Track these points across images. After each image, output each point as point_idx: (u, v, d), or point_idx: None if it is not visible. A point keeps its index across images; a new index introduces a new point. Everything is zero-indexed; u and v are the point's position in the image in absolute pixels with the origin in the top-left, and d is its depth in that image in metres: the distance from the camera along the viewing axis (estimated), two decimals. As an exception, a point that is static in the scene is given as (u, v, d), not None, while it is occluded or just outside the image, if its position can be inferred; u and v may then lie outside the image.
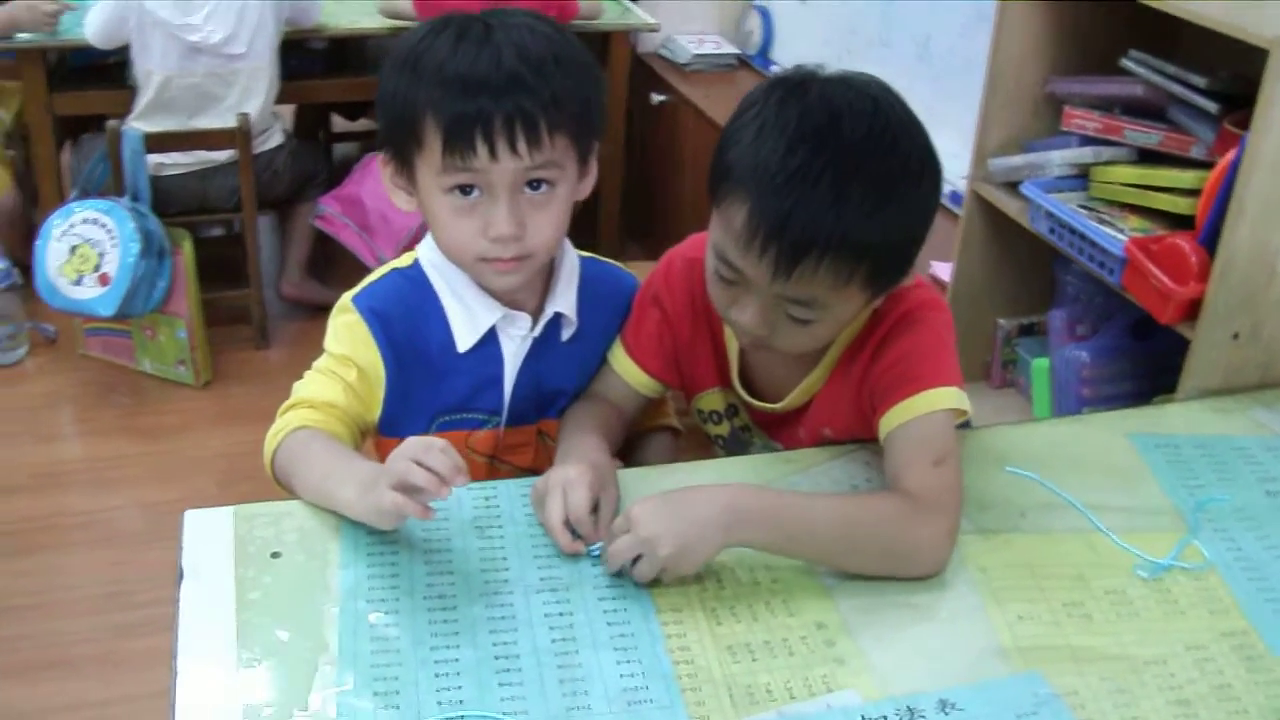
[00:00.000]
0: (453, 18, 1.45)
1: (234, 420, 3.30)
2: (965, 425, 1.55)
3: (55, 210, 3.37)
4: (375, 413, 1.58)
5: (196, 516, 1.44)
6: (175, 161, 3.49)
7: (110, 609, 2.54)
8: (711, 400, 1.69)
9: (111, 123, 3.29)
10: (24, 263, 3.45)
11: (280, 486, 1.50)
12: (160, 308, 3.43)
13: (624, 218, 4.31)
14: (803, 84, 1.38)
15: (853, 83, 1.38)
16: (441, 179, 1.42)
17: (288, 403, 1.54)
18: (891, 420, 1.45)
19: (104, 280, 3.28)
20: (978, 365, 2.52)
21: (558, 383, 1.64)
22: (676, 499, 1.34)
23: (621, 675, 1.22)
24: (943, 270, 2.57)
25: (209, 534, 1.40)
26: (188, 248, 3.44)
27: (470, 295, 1.54)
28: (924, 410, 1.44)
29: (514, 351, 1.58)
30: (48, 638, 2.56)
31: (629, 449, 1.76)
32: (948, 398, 1.45)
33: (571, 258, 1.62)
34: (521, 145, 1.38)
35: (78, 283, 3.30)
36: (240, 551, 1.37)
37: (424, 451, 1.26)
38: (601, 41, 3.93)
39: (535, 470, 1.56)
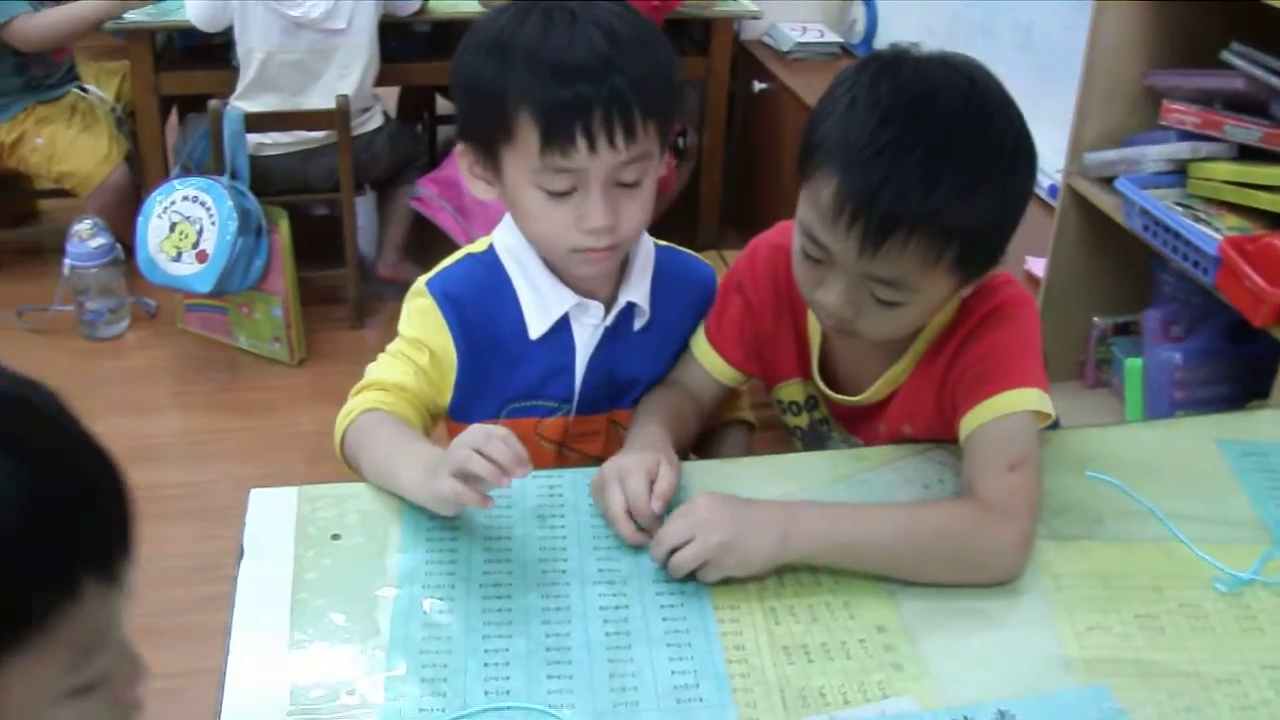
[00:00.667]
0: (533, 5, 1.43)
1: (326, 399, 3.31)
2: (1054, 427, 1.51)
3: (157, 187, 3.42)
4: (446, 397, 1.57)
5: (261, 495, 1.45)
6: (275, 141, 3.53)
7: (198, 581, 2.56)
8: (791, 391, 1.66)
9: (213, 102, 3.33)
10: (129, 240, 3.50)
11: (349, 468, 1.50)
12: (257, 285, 3.47)
13: (724, 205, 4.29)
14: (897, 60, 1.35)
15: (949, 60, 1.35)
16: (537, 174, 1.40)
17: (359, 384, 1.55)
18: (971, 421, 1.42)
19: (201, 257, 3.33)
20: (1071, 364, 2.46)
21: (630, 372, 1.62)
22: (740, 500, 1.33)
23: (673, 672, 1.20)
24: (1037, 265, 2.52)
25: (272, 513, 1.41)
26: (284, 226, 3.47)
27: (544, 282, 1.53)
28: (1004, 411, 1.40)
29: (586, 340, 1.57)
30: (137, 607, 2.60)
31: (702, 442, 1.75)
32: (1029, 399, 1.41)
33: (647, 246, 1.61)
34: (619, 138, 1.37)
35: (177, 259, 3.35)
36: (301, 532, 1.38)
37: (485, 440, 1.25)
38: (704, 28, 3.90)
39: (605, 459, 1.55)
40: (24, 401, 0.82)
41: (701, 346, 1.63)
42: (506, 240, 1.55)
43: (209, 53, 3.70)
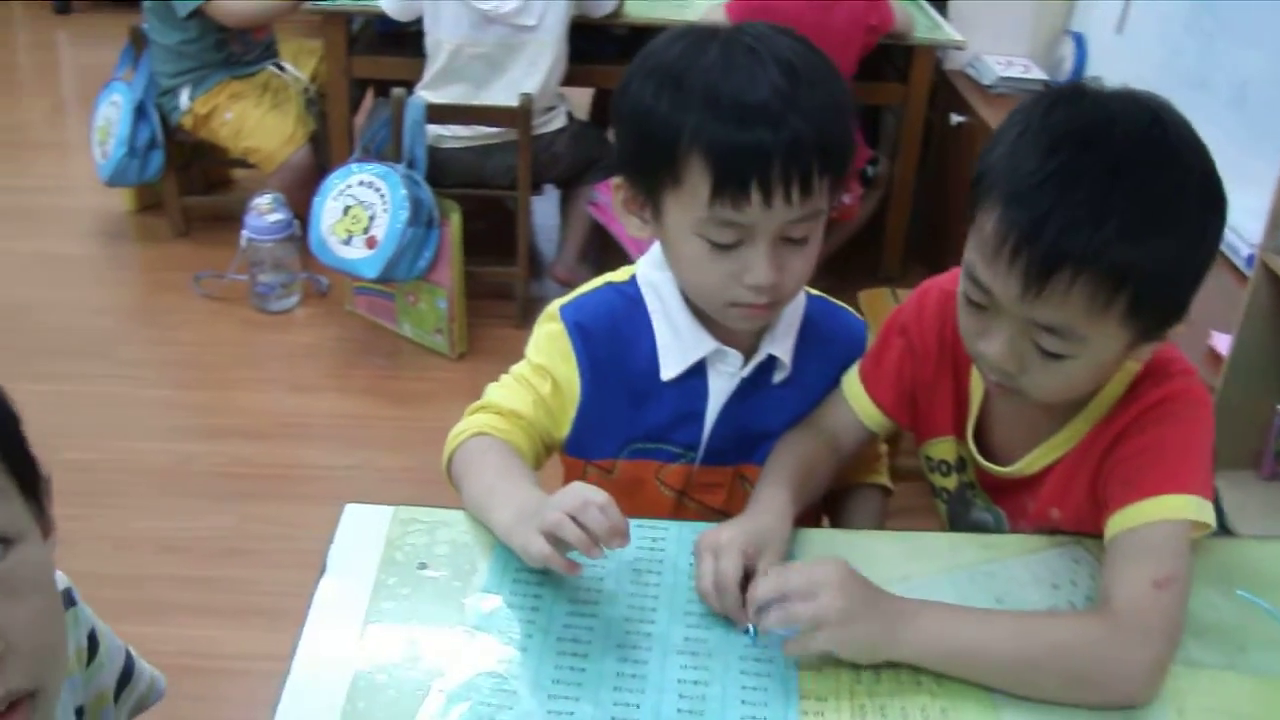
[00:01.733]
0: (713, 31, 1.36)
1: (480, 396, 3.31)
2: (1218, 531, 1.37)
3: (336, 169, 3.45)
4: (564, 430, 1.52)
5: (356, 511, 1.43)
6: (455, 134, 3.53)
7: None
8: (943, 449, 1.55)
9: (396, 90, 3.34)
10: (306, 219, 3.54)
11: (453, 487, 1.45)
12: (424, 276, 3.48)
13: (910, 239, 4.15)
14: (1076, 91, 1.25)
15: (1133, 94, 1.23)
16: (702, 225, 1.32)
17: (477, 404, 1.51)
18: (1119, 522, 1.29)
19: (371, 243, 3.35)
20: (1246, 452, 2.30)
21: (763, 426, 1.53)
22: (865, 580, 1.23)
23: (743, 762, 1.12)
24: (1221, 342, 2.35)
25: (364, 531, 1.39)
26: (456, 220, 3.47)
27: (684, 323, 1.46)
28: (1157, 517, 1.27)
29: (721, 388, 1.49)
30: (260, 585, 2.62)
31: (834, 500, 1.66)
32: (1188, 508, 1.27)
33: (799, 298, 1.52)
34: (795, 193, 1.28)
35: (347, 242, 3.37)
36: (388, 556, 1.34)
37: (582, 507, 1.19)
38: (905, 54, 3.78)
39: (727, 512, 1.48)
40: None
41: (853, 386, 1.54)
42: (651, 274, 1.48)
43: (404, 39, 3.71)
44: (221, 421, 3.26)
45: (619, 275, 1.53)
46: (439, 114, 3.39)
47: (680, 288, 1.45)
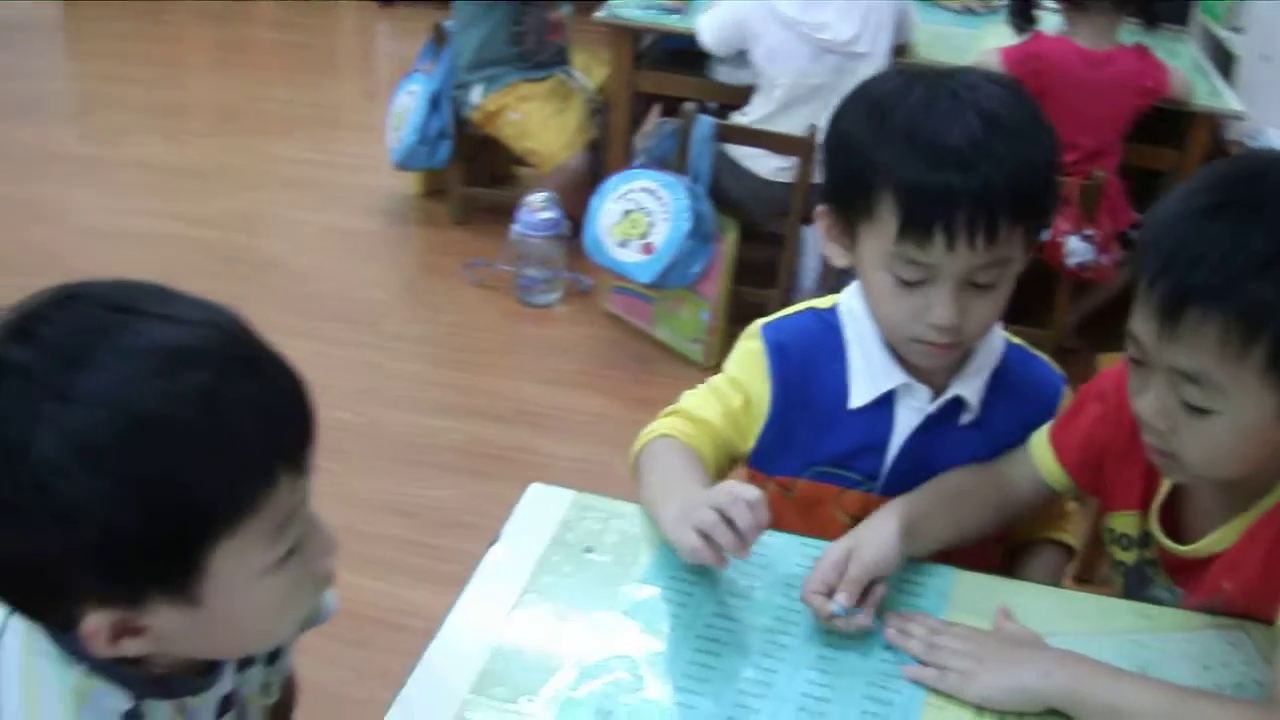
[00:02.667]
0: (925, 71, 1.40)
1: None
2: None
3: (618, 173, 3.57)
4: (749, 444, 1.57)
5: (539, 490, 1.52)
6: (780, 166, 3.54)
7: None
8: (1125, 523, 1.53)
9: (687, 105, 3.41)
10: (578, 219, 3.68)
11: (634, 483, 1.53)
12: (692, 285, 3.56)
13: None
14: (1260, 158, 1.25)
15: None
16: (890, 259, 1.36)
17: (671, 408, 1.59)
18: None
19: (648, 249, 3.43)
20: None
21: (943, 464, 1.54)
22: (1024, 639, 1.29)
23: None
24: None
25: (542, 509, 1.48)
26: (732, 237, 3.54)
27: (877, 355, 1.50)
28: None
29: (906, 422, 1.52)
30: (474, 557, 2.75)
31: (1012, 557, 1.66)
32: None
33: (994, 343, 1.53)
34: (980, 240, 1.31)
35: (623, 245, 3.47)
36: (559, 536, 1.43)
37: (730, 502, 1.25)
38: (1183, 120, 3.68)
39: None
40: (222, 330, 0.97)
41: (1039, 442, 1.53)
42: (852, 304, 1.52)
43: (690, 57, 3.82)
44: (468, 401, 3.43)
45: (823, 302, 1.58)
46: (727, 133, 3.46)
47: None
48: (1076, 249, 3.36)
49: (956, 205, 1.29)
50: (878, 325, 1.47)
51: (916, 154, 1.31)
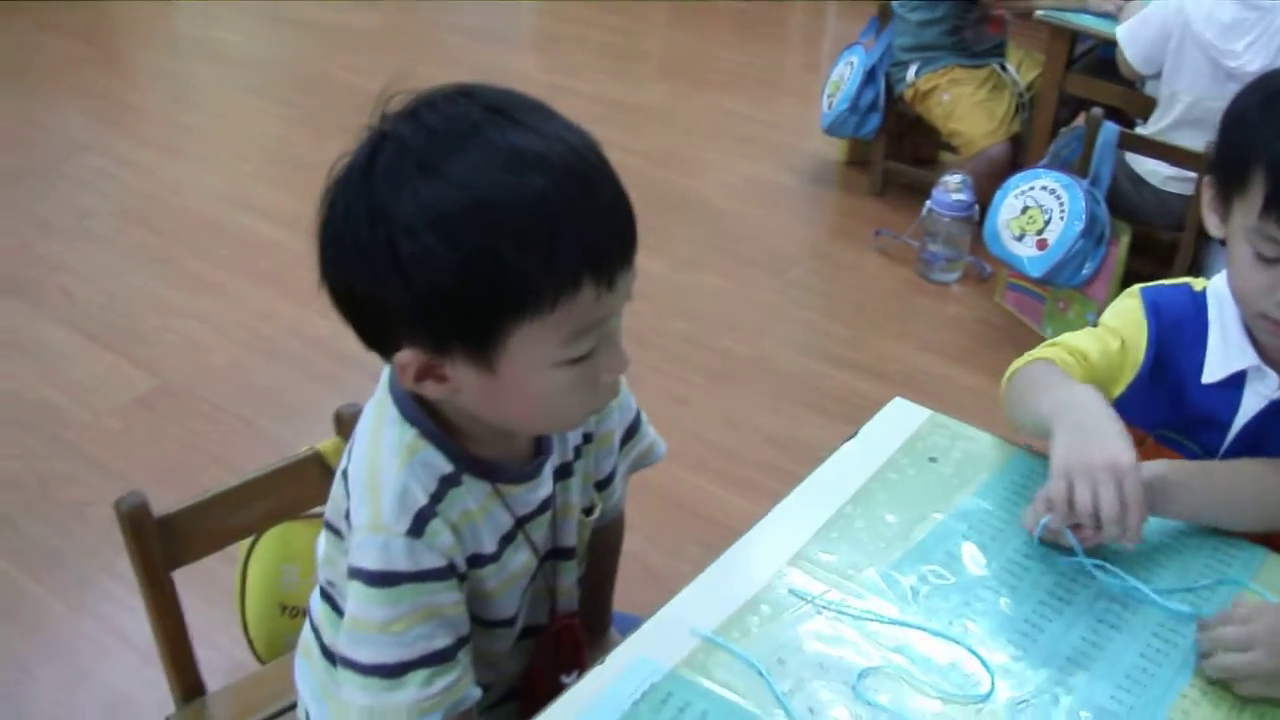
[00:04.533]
0: None
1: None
2: None
3: (1023, 171, 3.69)
4: (1118, 389, 1.66)
5: (901, 403, 1.71)
6: (1181, 176, 3.58)
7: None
8: None
9: (1095, 110, 3.49)
10: (987, 208, 3.80)
11: (1006, 415, 1.65)
12: (1082, 287, 3.64)
13: None
14: None
15: None
16: (1252, 233, 1.46)
17: (1049, 341, 1.70)
18: None
19: (1041, 245, 3.55)
20: None
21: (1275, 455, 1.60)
22: None
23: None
24: None
25: (900, 419, 1.68)
26: (1125, 241, 3.59)
27: (1235, 335, 1.58)
28: None
29: (1252, 405, 1.60)
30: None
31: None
32: None
33: None
34: None
35: (1019, 239, 3.59)
36: (909, 444, 1.62)
37: (1106, 481, 1.35)
38: None
39: None
40: (571, 147, 1.10)
41: None
42: (1219, 286, 1.62)
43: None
44: (854, 355, 3.63)
45: (1197, 283, 1.68)
46: (1129, 142, 3.51)
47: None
48: None
49: None
50: (1235, 297, 1.56)
51: None
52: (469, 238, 1.05)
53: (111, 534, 2.65)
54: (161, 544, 1.61)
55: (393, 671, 1.21)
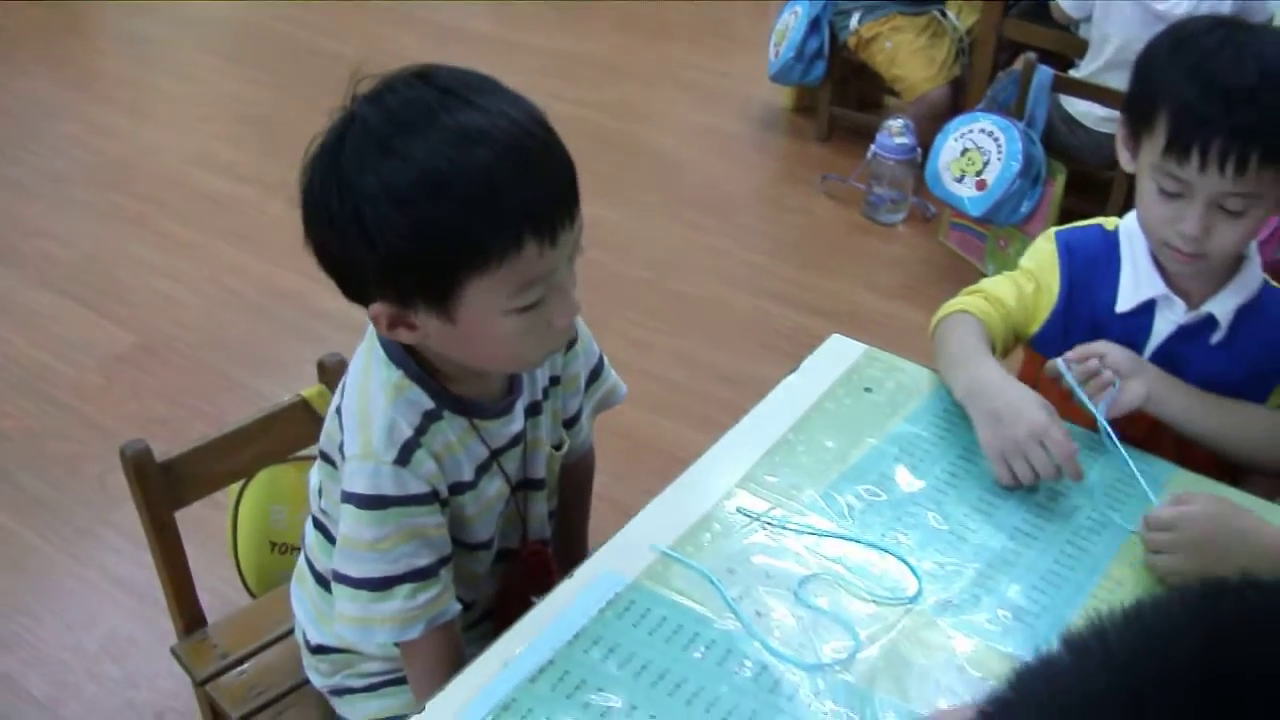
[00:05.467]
0: (1234, 25, 1.63)
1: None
2: None
3: (962, 114, 3.85)
4: (1034, 327, 1.84)
5: (839, 340, 1.87)
6: (1088, 113, 3.74)
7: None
8: None
9: (1028, 55, 3.63)
10: (928, 150, 3.95)
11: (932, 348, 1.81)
12: (1020, 224, 3.80)
13: None
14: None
15: None
16: (1155, 170, 1.63)
17: (971, 288, 1.86)
18: None
19: (980, 185, 3.71)
20: None
21: (1190, 375, 1.74)
22: (1239, 510, 1.49)
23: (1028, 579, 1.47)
24: None
25: (838, 353, 1.84)
26: (1060, 180, 3.74)
27: (1144, 266, 1.74)
28: None
29: (1161, 330, 1.75)
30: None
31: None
32: None
33: (1251, 276, 1.73)
34: (1230, 170, 1.54)
35: (959, 180, 3.75)
36: (845, 376, 1.78)
37: (1033, 447, 1.55)
38: None
39: (1144, 446, 1.70)
40: (513, 121, 1.24)
41: None
42: (1130, 224, 1.78)
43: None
44: (803, 295, 3.79)
45: (1109, 222, 1.83)
46: (1064, 85, 3.65)
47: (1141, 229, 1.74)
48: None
49: (1213, 135, 1.54)
50: (1142, 229, 1.72)
51: (1193, 85, 1.57)
52: (422, 207, 1.21)
53: (105, 485, 2.83)
54: (164, 486, 1.76)
55: (380, 585, 1.38)
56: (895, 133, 4.08)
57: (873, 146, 4.13)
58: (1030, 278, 1.83)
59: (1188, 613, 0.60)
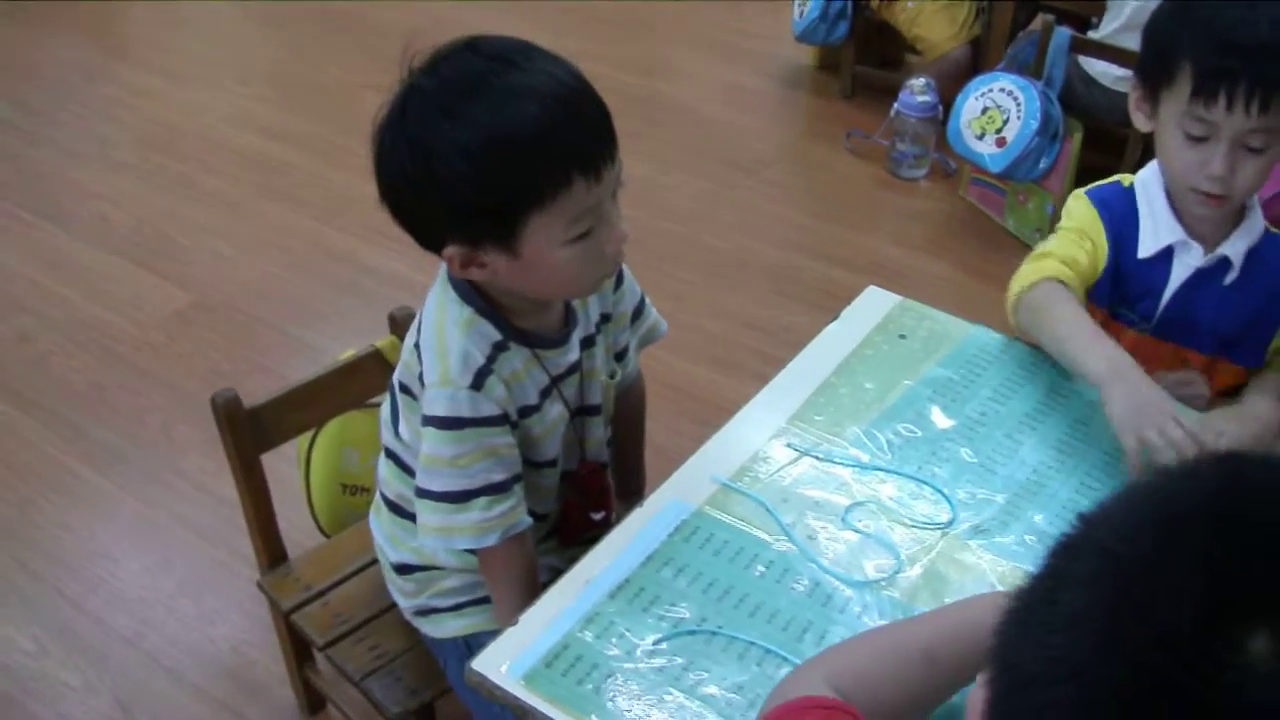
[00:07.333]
0: None
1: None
2: None
3: (983, 74, 3.96)
4: (1094, 281, 1.88)
5: (874, 291, 2.00)
6: (1105, 73, 3.86)
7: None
8: None
9: (1047, 17, 3.73)
10: (950, 107, 4.07)
11: (1014, 324, 1.85)
12: (1039, 180, 3.92)
13: None
14: None
15: None
16: (1182, 118, 1.70)
17: (1038, 251, 1.88)
18: None
19: (1000, 143, 3.82)
20: None
21: (1207, 318, 1.86)
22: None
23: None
24: None
25: (875, 304, 1.97)
26: (1077, 138, 3.85)
27: (1163, 214, 1.84)
28: None
29: (1179, 275, 1.85)
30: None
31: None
32: None
33: (1256, 222, 1.83)
34: (1255, 107, 1.64)
35: (980, 137, 3.86)
36: (882, 324, 1.92)
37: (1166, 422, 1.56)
38: None
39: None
40: (555, 79, 1.42)
41: None
42: (1145, 176, 1.88)
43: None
44: (828, 248, 3.91)
45: (1124, 179, 1.93)
46: (1081, 45, 3.76)
47: (1164, 187, 1.84)
48: None
49: (1238, 78, 1.65)
50: (1166, 178, 1.82)
51: (1211, 42, 1.67)
52: (485, 159, 1.39)
53: (170, 435, 2.98)
54: (251, 431, 1.91)
55: (460, 498, 1.56)
56: (918, 91, 4.19)
57: (895, 104, 4.23)
58: (1084, 236, 1.87)
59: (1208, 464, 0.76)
